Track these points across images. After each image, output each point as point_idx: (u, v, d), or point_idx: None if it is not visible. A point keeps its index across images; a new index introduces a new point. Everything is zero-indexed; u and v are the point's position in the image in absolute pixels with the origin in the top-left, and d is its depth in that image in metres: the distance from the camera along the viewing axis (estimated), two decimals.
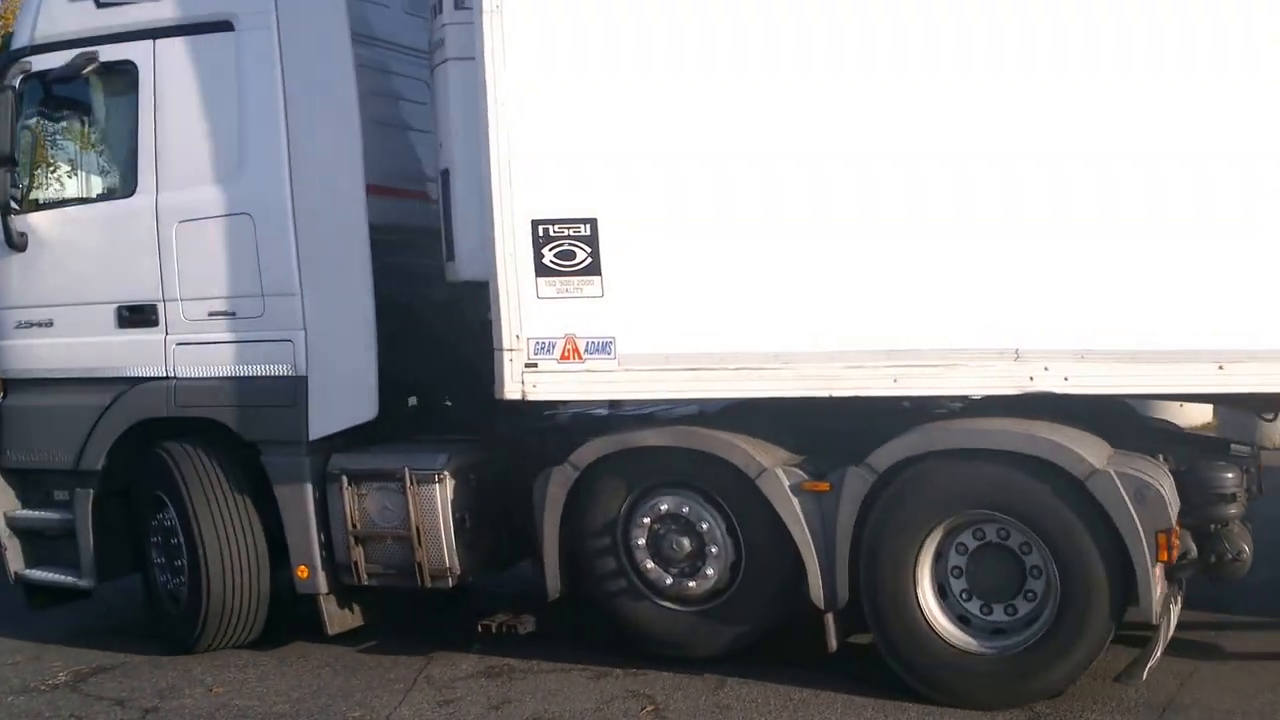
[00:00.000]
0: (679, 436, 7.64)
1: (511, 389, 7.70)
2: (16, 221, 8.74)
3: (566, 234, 7.54)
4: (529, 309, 7.64)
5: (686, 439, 7.61)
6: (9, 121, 8.50)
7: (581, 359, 7.62)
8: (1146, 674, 6.87)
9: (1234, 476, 7.15)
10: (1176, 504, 6.98)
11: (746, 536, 7.61)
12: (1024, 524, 7.02)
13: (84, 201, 8.89)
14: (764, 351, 7.40)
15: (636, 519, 7.78)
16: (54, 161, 9.07)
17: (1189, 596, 7.54)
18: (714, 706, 7.39)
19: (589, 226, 7.53)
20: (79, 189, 8.94)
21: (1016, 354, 7.08)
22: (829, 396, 7.39)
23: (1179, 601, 7.25)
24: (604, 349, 7.59)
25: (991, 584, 7.20)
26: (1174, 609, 7.14)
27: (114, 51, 8.55)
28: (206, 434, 8.53)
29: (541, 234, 7.57)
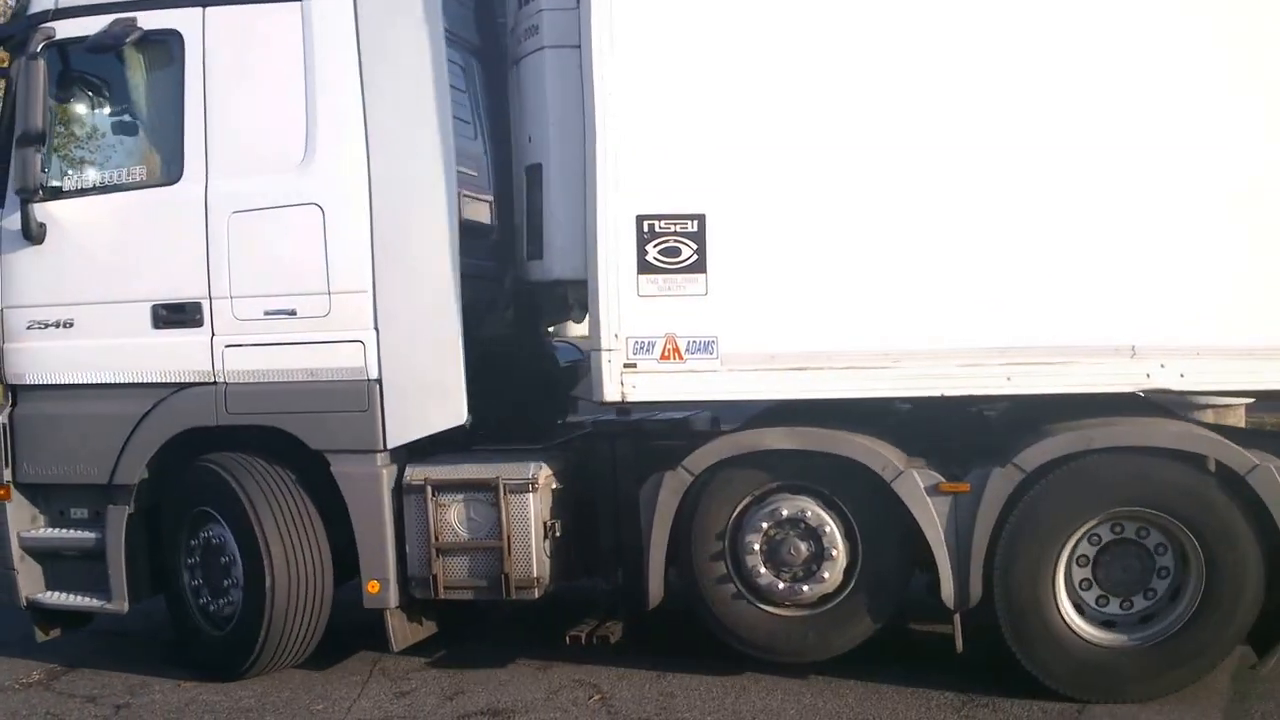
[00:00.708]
0: (808, 439, 7.38)
1: (610, 390, 7.45)
2: (35, 210, 7.90)
3: (673, 230, 7.34)
4: (629, 307, 7.41)
5: (817, 441, 7.36)
6: (38, 96, 7.67)
7: (682, 359, 7.40)
8: None
9: None
10: None
11: (866, 539, 7.41)
12: (1175, 518, 7.02)
13: (115, 189, 8.02)
14: (873, 350, 7.30)
15: (751, 523, 7.50)
16: (79, 143, 8.21)
17: None
18: (659, 694, 7.59)
19: (697, 223, 7.33)
20: (108, 175, 8.07)
21: (1133, 351, 7.12)
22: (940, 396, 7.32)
23: None
24: (706, 348, 7.38)
25: (1121, 579, 7.19)
26: None
27: (156, 19, 7.80)
28: (254, 443, 7.91)
29: (646, 230, 7.36)
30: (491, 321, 8.50)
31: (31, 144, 7.72)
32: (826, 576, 7.42)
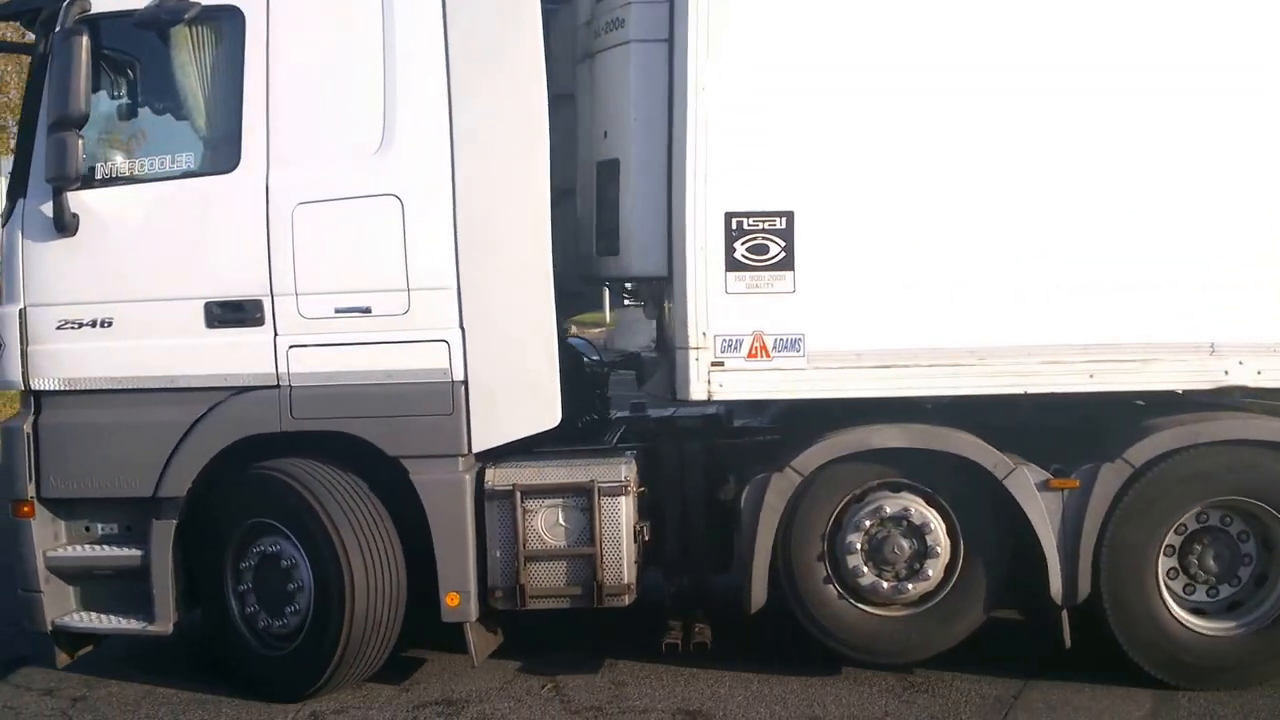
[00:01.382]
0: (920, 437, 7.33)
1: (697, 389, 7.33)
2: (69, 200, 7.25)
3: (761, 227, 7.24)
4: (717, 305, 7.30)
5: (929, 439, 7.32)
6: (78, 74, 7.00)
7: (770, 357, 7.32)
8: None
9: None
10: None
11: (967, 536, 7.40)
12: (1274, 506, 7.25)
13: (161, 177, 7.39)
14: (959, 347, 7.33)
15: (853, 522, 7.43)
16: (118, 127, 7.56)
17: None
18: (610, 683, 7.71)
19: (785, 219, 7.25)
20: (153, 161, 7.41)
21: (1212, 348, 7.27)
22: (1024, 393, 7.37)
23: None
24: (793, 346, 7.31)
25: (1212, 567, 7.39)
26: None
27: None
28: (304, 449, 7.44)
29: (735, 227, 7.25)
30: None
31: (71, 127, 7.06)
32: (931, 574, 7.40)
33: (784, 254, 7.25)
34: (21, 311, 7.43)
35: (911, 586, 7.41)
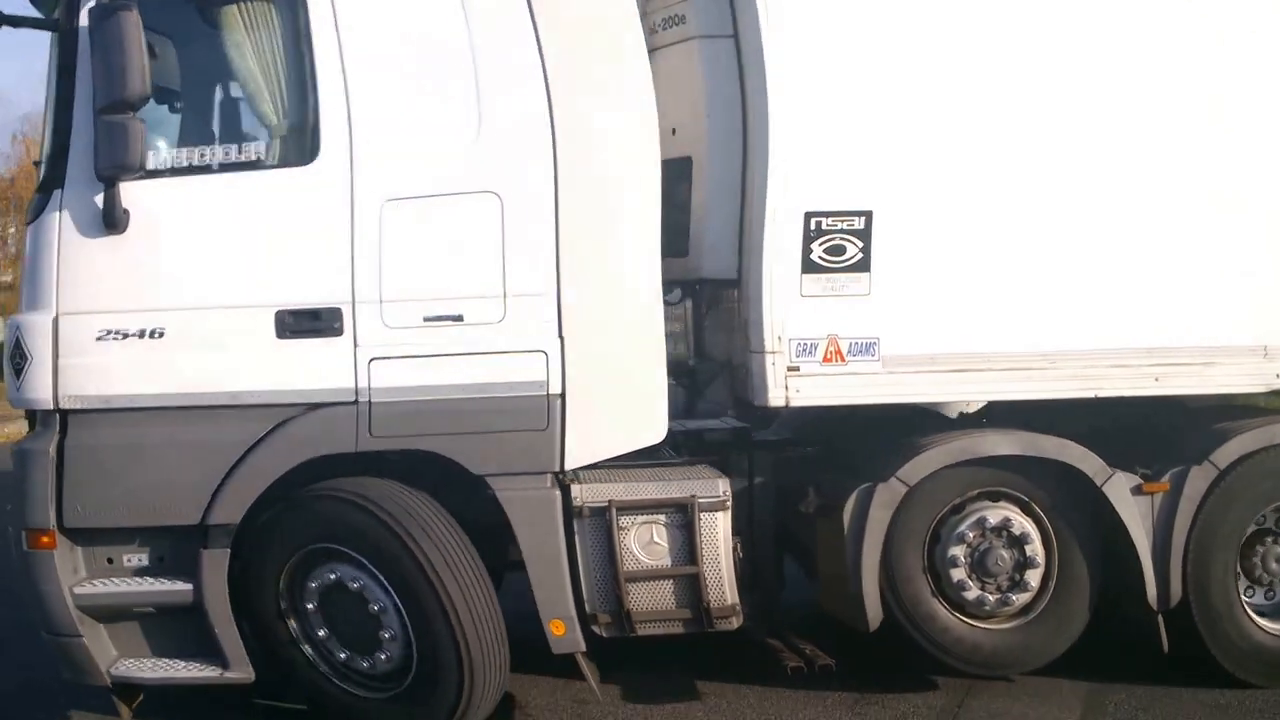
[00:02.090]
0: (1030, 444, 7.22)
1: (775, 394, 7.12)
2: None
3: (839, 227, 7.09)
4: (793, 308, 7.10)
5: (1037, 446, 7.22)
6: (134, 51, 6.14)
7: (844, 361, 7.16)
8: None
9: None
10: None
11: (1061, 544, 7.32)
12: None
13: (225, 169, 6.57)
14: (1032, 351, 7.32)
15: (954, 534, 7.25)
16: (179, 114, 6.68)
17: None
18: (571, 700, 7.54)
19: (863, 219, 7.11)
20: (214, 152, 6.60)
21: (1265, 351, 7.47)
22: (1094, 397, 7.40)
23: None
24: (868, 350, 7.17)
25: (1276, 570, 7.56)
26: None
27: None
28: (383, 469, 6.78)
29: (813, 227, 7.07)
30: None
31: (127, 110, 6.19)
32: (1032, 584, 7.29)
33: (861, 255, 7.09)
34: (55, 320, 6.47)
35: (1015, 598, 7.28)
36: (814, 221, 7.04)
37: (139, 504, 6.56)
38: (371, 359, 6.56)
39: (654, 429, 6.93)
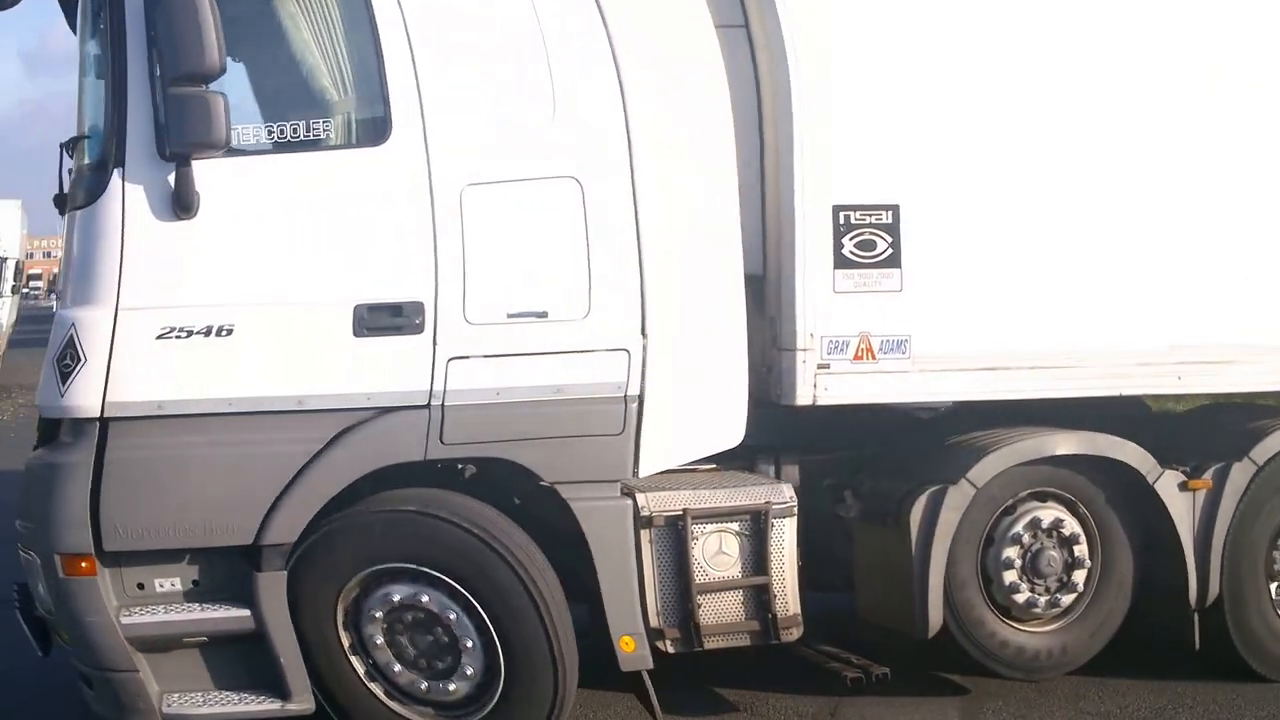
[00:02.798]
0: (1091, 443, 7.18)
1: (804, 393, 6.94)
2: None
3: (868, 221, 6.96)
4: (825, 305, 6.94)
5: (1097, 445, 7.18)
6: (207, 14, 5.58)
7: (875, 359, 7.04)
8: None
9: None
10: None
11: (1105, 543, 7.31)
12: None
13: (290, 147, 5.99)
14: (1059, 349, 7.28)
15: (1009, 536, 7.16)
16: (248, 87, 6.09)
17: None
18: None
19: (891, 213, 7.00)
20: (277, 131, 6.02)
21: None
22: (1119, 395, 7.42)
23: None
24: (899, 348, 7.06)
25: None
26: None
27: None
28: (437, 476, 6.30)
29: (843, 222, 6.93)
30: None
31: (205, 82, 5.62)
32: (1080, 585, 7.25)
33: (891, 250, 6.96)
34: (115, 317, 5.82)
35: (1063, 599, 7.24)
36: (843, 216, 6.87)
37: (188, 523, 5.95)
38: (450, 358, 6.09)
39: (732, 433, 6.65)
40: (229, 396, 5.94)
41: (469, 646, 6.20)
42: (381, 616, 6.21)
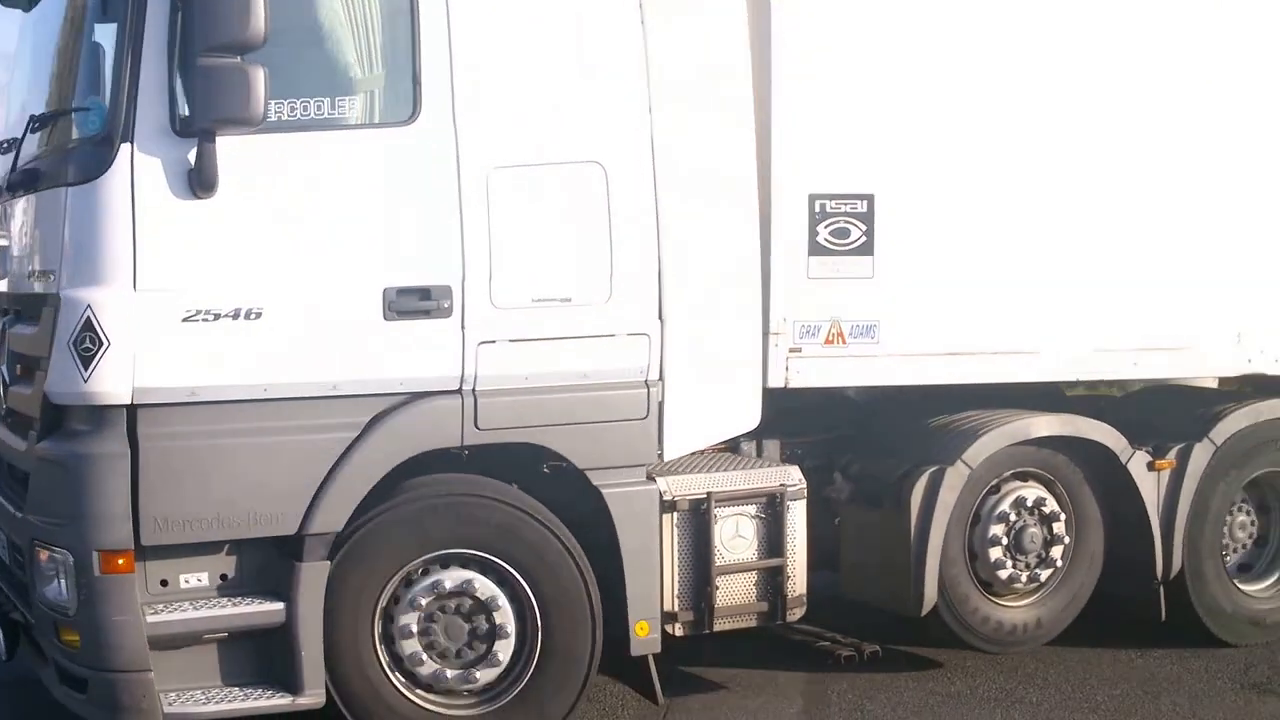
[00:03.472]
0: (1066, 425, 7.50)
1: (775, 376, 7.10)
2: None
3: (843, 210, 7.14)
4: (799, 291, 7.10)
5: (1076, 427, 7.49)
6: None
7: (845, 344, 7.24)
8: None
9: None
10: None
11: (1079, 520, 7.62)
12: None
13: (317, 125, 5.80)
14: (1020, 336, 7.50)
15: (996, 512, 7.43)
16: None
17: None
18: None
19: (865, 203, 7.18)
20: (305, 107, 5.79)
21: (1239, 337, 7.96)
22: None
23: None
24: (868, 333, 7.27)
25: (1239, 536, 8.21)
26: None
27: None
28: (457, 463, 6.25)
29: (818, 210, 7.10)
30: None
31: (243, 52, 5.40)
32: (1059, 560, 7.55)
33: (864, 238, 7.12)
34: (135, 298, 5.59)
35: (1042, 574, 7.52)
36: (818, 204, 7.02)
37: (232, 514, 5.77)
38: (480, 342, 6.05)
39: (748, 416, 6.77)
40: (264, 382, 5.78)
41: (507, 633, 6.18)
42: (426, 604, 6.14)
